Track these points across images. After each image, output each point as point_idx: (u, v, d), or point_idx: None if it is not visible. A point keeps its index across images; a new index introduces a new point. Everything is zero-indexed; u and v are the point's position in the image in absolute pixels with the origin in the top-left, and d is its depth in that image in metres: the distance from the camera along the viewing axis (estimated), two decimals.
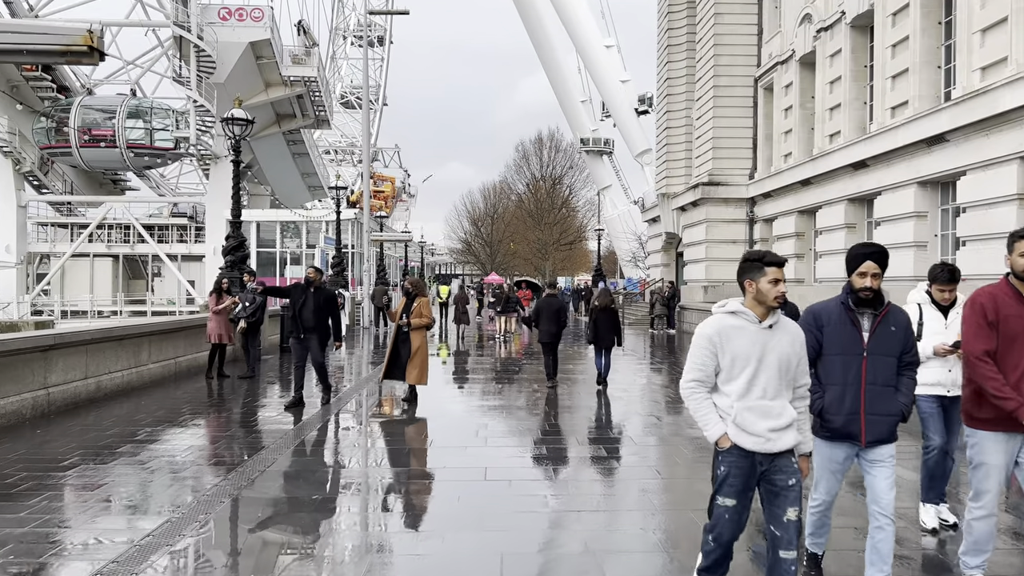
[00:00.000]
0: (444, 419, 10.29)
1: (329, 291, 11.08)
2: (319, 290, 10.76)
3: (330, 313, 10.83)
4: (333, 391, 11.75)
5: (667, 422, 10.05)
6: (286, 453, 8.11)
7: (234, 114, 16.95)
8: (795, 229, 25.27)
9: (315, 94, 43.18)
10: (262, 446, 8.35)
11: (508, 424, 9.91)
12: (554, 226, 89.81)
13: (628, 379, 14.51)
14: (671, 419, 10.23)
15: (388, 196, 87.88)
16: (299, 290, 10.84)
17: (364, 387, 13.30)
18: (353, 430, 9.70)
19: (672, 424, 9.88)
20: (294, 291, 10.90)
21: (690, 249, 31.65)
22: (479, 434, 9.12)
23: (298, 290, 10.86)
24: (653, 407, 11.34)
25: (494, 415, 10.63)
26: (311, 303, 10.63)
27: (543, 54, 69.43)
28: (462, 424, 9.95)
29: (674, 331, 27.43)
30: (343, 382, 13.98)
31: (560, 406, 11.33)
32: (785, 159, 26.45)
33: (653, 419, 10.30)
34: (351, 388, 13.21)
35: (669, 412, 10.78)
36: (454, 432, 9.39)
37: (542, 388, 13.09)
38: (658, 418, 10.38)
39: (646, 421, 10.16)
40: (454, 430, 9.53)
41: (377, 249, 43.87)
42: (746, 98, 29.42)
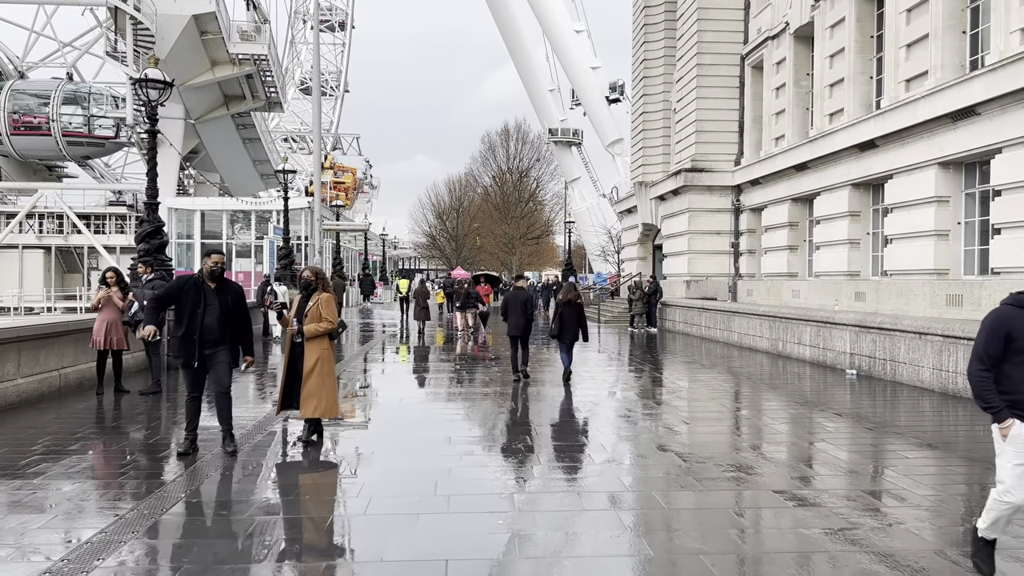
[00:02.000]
0: (390, 460, 7.71)
1: (236, 287, 8.07)
2: (224, 286, 7.70)
3: (240, 319, 7.74)
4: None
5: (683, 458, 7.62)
6: (129, 539, 5.51)
7: (148, 74, 14.15)
8: (788, 218, 23.11)
9: (266, 74, 40.14)
10: (101, 529, 5.69)
11: (480, 468, 7.40)
12: (521, 220, 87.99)
13: (620, 405, 12.09)
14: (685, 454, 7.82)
15: (349, 188, 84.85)
16: (192, 290, 7.53)
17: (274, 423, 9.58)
18: (243, 498, 6.33)
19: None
20: (183, 292, 7.54)
21: (670, 241, 29.40)
22: (438, 489, 6.56)
23: (190, 290, 7.52)
24: (661, 436, 8.92)
25: (461, 450, 8.09)
26: (215, 307, 7.50)
27: (510, 41, 66.91)
28: (415, 469, 7.34)
29: (656, 330, 25.13)
30: (252, 408, 11.34)
31: (541, 426, 8.89)
32: (776, 142, 24.28)
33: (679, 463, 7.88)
34: (261, 421, 9.59)
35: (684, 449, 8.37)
36: (402, 483, 6.83)
37: (514, 398, 10.63)
38: (684, 461, 7.96)
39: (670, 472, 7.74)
40: (403, 480, 6.96)
41: (333, 241, 41.06)
42: (732, 78, 27.20)
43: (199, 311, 7.45)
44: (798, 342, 16.42)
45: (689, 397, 11.89)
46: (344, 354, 18.09)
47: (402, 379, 14.17)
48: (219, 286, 7.66)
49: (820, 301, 20.35)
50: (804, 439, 8.73)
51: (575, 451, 8.02)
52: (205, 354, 7.49)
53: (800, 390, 12.55)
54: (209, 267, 7.71)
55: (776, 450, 8.12)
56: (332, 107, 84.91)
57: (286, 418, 9.32)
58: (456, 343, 21.18)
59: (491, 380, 13.36)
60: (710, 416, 10.18)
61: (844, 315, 14.64)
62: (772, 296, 23.60)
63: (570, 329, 12.80)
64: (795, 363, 15.88)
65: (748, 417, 10.10)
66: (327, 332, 8.04)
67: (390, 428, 9.40)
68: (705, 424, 9.55)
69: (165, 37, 35.37)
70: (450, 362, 16.47)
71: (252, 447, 8.06)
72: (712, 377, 14.17)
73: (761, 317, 18.42)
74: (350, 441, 8.48)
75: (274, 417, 9.42)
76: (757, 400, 11.60)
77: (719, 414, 10.39)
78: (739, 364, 16.08)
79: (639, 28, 35.00)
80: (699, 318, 23.10)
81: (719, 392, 12.38)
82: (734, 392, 12.41)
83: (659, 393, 12.22)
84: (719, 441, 8.64)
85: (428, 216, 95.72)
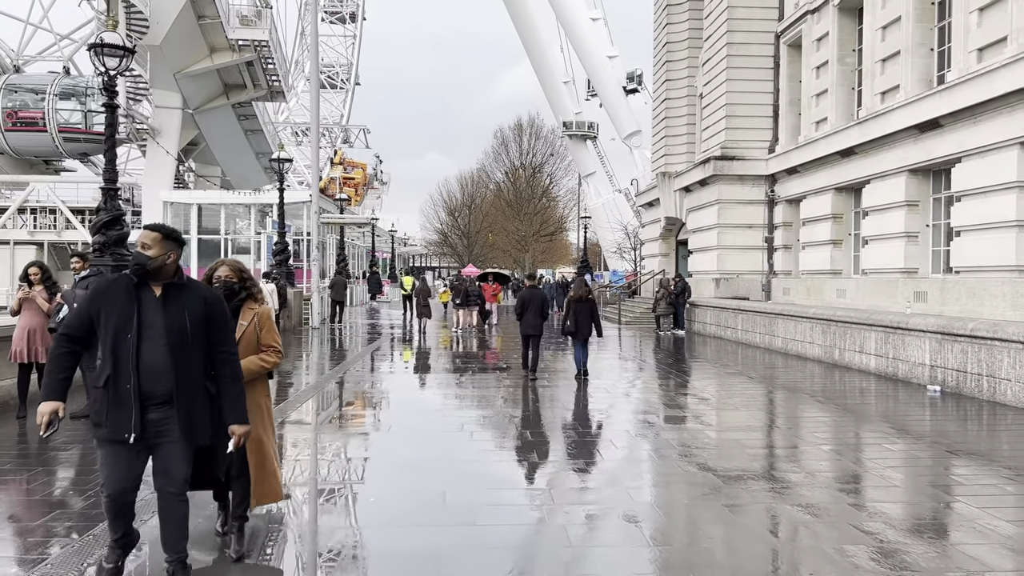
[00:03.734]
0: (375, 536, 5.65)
1: (209, 293, 4.45)
2: (181, 293, 4.22)
3: (221, 353, 4.31)
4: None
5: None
6: None
7: (104, 39, 12.14)
8: (831, 210, 20.90)
9: (267, 61, 38.19)
10: None
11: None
12: (534, 216, 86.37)
13: (654, 436, 9.99)
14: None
15: (359, 183, 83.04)
16: (117, 297, 4.12)
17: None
18: None
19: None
20: (104, 300, 4.12)
21: (697, 236, 27.22)
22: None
23: (115, 298, 4.11)
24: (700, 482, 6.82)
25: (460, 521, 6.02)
26: (159, 329, 4.09)
27: (523, 31, 64.70)
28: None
29: (683, 332, 22.97)
30: None
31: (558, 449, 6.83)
32: (817, 126, 22.06)
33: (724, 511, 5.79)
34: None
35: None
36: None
37: (525, 404, 8.57)
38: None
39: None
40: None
41: (337, 236, 39.10)
42: (765, 58, 25.00)
43: (129, 336, 4.01)
44: (860, 350, 14.20)
45: (745, 426, 9.76)
46: (347, 353, 16.12)
47: (400, 385, 12.17)
48: (171, 292, 4.17)
49: (871, 301, 18.16)
50: (884, 471, 6.62)
51: (613, 518, 5.94)
52: (147, 420, 4.04)
53: (866, 408, 10.46)
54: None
55: (880, 495, 6.01)
56: (343, 100, 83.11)
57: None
58: (457, 343, 20.12)
59: (496, 387, 11.30)
60: (780, 451, 8.08)
61: (921, 320, 12.42)
62: (812, 296, 21.41)
63: (584, 326, 12.66)
64: (856, 375, 13.70)
65: (817, 446, 7.99)
66: (270, 370, 5.06)
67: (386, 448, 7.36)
68: (771, 458, 7.45)
69: (160, 22, 33.47)
70: (453, 371, 14.43)
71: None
72: (762, 392, 12.05)
73: (812, 320, 16.19)
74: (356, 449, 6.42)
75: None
76: (822, 424, 9.48)
77: (789, 448, 8.28)
78: (788, 375, 13.94)
79: (661, 9, 32.83)
80: (734, 320, 20.92)
81: (780, 416, 10.27)
82: (793, 413, 10.29)
83: (702, 414, 10.10)
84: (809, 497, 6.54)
85: (440, 213, 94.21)
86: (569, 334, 12.93)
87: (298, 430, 8.96)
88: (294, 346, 19.19)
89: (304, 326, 24.34)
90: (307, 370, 14.82)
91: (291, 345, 19.20)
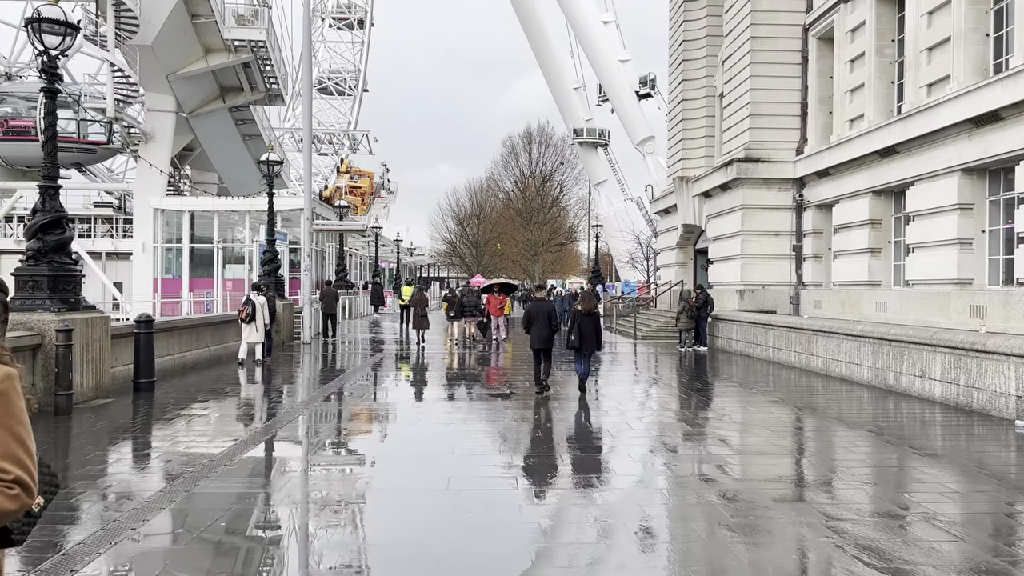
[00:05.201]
0: None
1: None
2: None
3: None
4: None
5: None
6: None
7: (42, 12, 10.42)
8: (869, 215, 19.03)
9: (265, 63, 36.54)
10: None
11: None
12: (544, 226, 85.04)
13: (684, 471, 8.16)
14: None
15: (365, 192, 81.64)
16: None
17: None
18: None
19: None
20: None
21: (718, 244, 25.35)
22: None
23: None
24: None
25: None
26: None
27: (533, 36, 63.13)
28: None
29: (705, 349, 21.07)
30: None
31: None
32: (851, 124, 20.22)
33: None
34: None
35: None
36: None
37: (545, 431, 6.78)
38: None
39: None
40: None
41: (336, 245, 37.40)
42: (792, 52, 23.18)
43: None
44: (921, 375, 12.26)
45: (793, 477, 7.90)
46: (330, 375, 14.37)
47: (380, 424, 10.37)
48: None
49: (917, 316, 16.25)
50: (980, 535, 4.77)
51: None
52: None
53: (931, 442, 8.60)
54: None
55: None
56: (350, 107, 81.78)
57: None
58: (454, 361, 18.83)
59: (494, 420, 9.49)
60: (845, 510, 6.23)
61: (1004, 341, 10.45)
62: (848, 310, 19.49)
63: (589, 340, 12.42)
64: (915, 403, 11.79)
65: (893, 502, 6.13)
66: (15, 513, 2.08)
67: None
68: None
69: (151, 20, 31.87)
70: (446, 398, 12.64)
71: None
72: (811, 427, 10.19)
73: (859, 339, 14.22)
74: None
75: None
76: (887, 467, 7.62)
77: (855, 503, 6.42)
78: (835, 402, 12.06)
79: (677, 6, 31.09)
80: (764, 336, 18.99)
81: (835, 459, 8.40)
82: (853, 456, 8.42)
83: (742, 448, 8.25)
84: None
85: (448, 222, 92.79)
86: (573, 348, 12.62)
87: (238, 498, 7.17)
88: (283, 364, 17.44)
89: (295, 341, 22.59)
90: (264, 407, 13.09)
91: (279, 363, 17.46)
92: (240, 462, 7.66)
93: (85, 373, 10.83)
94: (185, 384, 13.27)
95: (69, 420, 9.66)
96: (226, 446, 8.28)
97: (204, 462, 7.55)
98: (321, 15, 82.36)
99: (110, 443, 8.70)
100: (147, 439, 8.96)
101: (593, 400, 12.03)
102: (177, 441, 8.76)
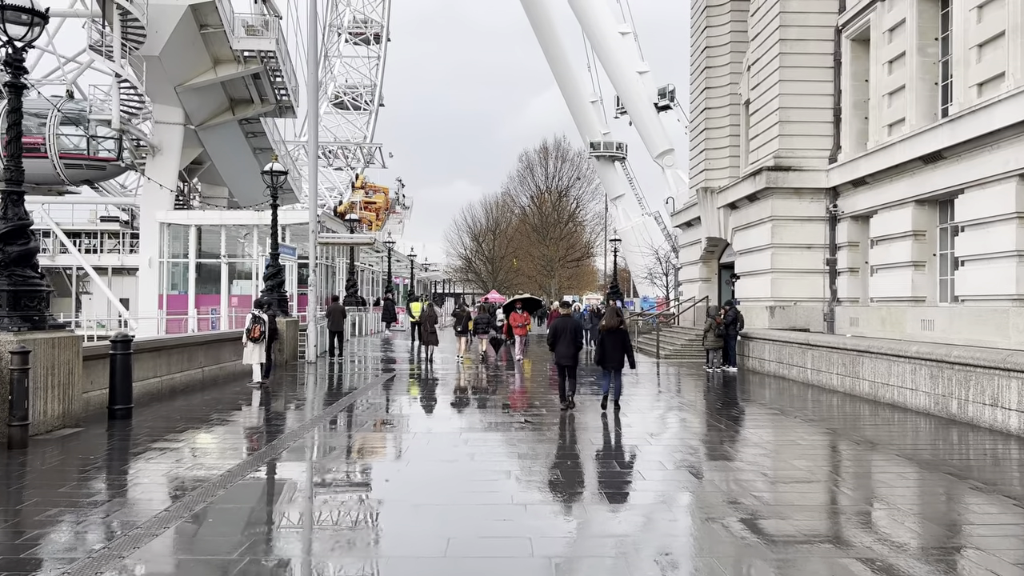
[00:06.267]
0: None
1: None
2: None
3: None
4: None
5: None
6: None
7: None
8: (912, 226, 17.67)
9: (275, 74, 35.67)
10: None
11: None
12: (560, 241, 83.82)
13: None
14: None
15: (380, 208, 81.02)
16: None
17: None
18: None
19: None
20: None
21: (745, 258, 24.03)
22: None
23: None
24: None
25: None
26: None
27: (550, 51, 62.30)
28: None
29: (735, 370, 19.70)
30: None
31: None
32: (890, 130, 18.91)
33: None
34: None
35: None
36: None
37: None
38: None
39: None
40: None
41: (347, 260, 36.33)
42: (824, 55, 21.94)
43: None
44: (993, 403, 10.87)
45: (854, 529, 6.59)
46: (332, 398, 13.20)
47: (379, 459, 9.15)
48: None
49: (970, 335, 14.86)
50: None
51: None
52: None
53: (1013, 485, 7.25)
54: None
55: None
56: (366, 121, 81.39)
57: None
58: (466, 380, 18.00)
59: (510, 456, 8.24)
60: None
61: None
62: (889, 327, 18.10)
63: (613, 357, 12.29)
64: (986, 435, 10.41)
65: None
66: None
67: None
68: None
69: (159, 31, 31.15)
70: (457, 430, 11.41)
71: None
72: (880, 465, 8.86)
73: (915, 361, 12.81)
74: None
75: None
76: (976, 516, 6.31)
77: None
78: (897, 436, 10.70)
79: (699, 11, 29.94)
80: (801, 357, 17.60)
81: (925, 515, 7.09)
82: (943, 509, 7.10)
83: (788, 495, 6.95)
84: None
85: (464, 238, 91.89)
86: (599, 363, 12.47)
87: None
88: (282, 386, 16.26)
89: (299, 360, 21.44)
90: (246, 441, 11.88)
91: (279, 385, 16.28)
92: (197, 515, 6.45)
93: (50, 400, 9.70)
94: (169, 410, 12.12)
95: (23, 455, 8.50)
96: (186, 496, 7.06)
97: (158, 514, 6.36)
98: (338, 30, 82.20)
99: (54, 486, 7.36)
100: (98, 483, 7.68)
101: (622, 430, 10.76)
102: (136, 483, 7.58)
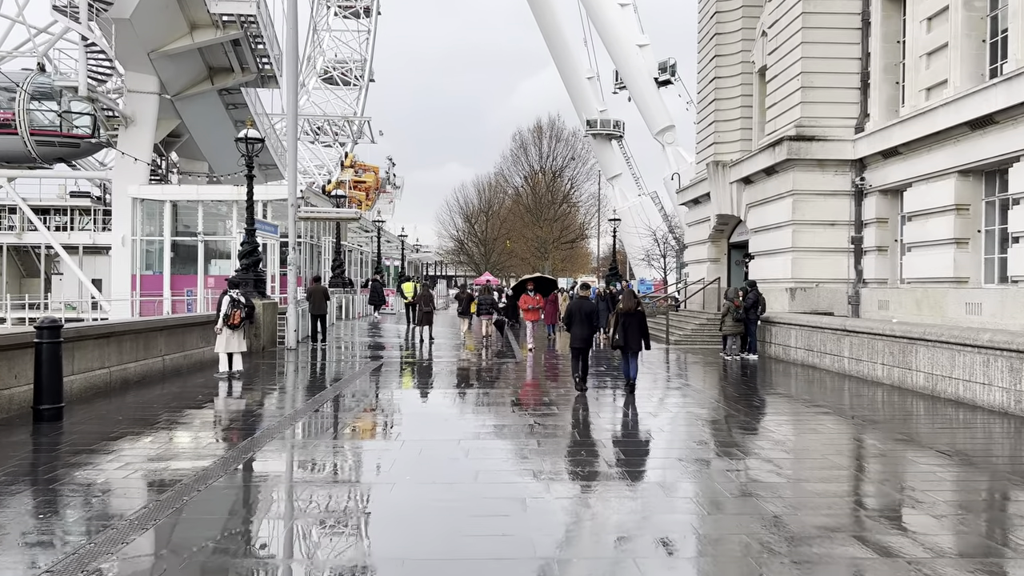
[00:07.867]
0: None
1: None
2: None
3: None
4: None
5: None
6: None
7: None
8: (954, 199, 15.97)
9: (256, 40, 33.56)
10: None
11: None
12: (554, 223, 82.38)
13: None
14: None
15: (370, 187, 78.96)
16: None
17: None
18: None
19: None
20: None
21: (761, 236, 22.32)
22: None
23: None
24: None
25: None
26: None
27: (545, 25, 60.18)
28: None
29: (755, 357, 18.02)
30: None
31: None
32: (929, 93, 17.18)
33: None
34: None
35: None
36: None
37: None
38: None
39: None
40: None
41: (332, 239, 34.42)
42: (850, 16, 20.14)
43: None
44: None
45: None
46: (332, 379, 11.45)
47: (364, 471, 7.42)
48: None
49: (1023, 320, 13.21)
50: None
51: None
52: None
53: None
54: None
55: None
56: (356, 97, 79.09)
57: None
58: (467, 366, 16.65)
59: (520, 475, 6.52)
60: None
61: None
62: (926, 311, 16.42)
63: (634, 339, 12.20)
64: None
65: None
66: None
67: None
68: None
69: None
70: (458, 435, 9.69)
71: None
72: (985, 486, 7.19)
73: (987, 351, 11.00)
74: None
75: None
76: None
77: None
78: (965, 440, 9.01)
79: None
80: (836, 345, 15.87)
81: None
82: None
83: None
84: None
85: (456, 219, 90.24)
86: (618, 347, 12.31)
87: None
88: (257, 376, 14.44)
89: (278, 347, 19.66)
90: (197, 448, 10.12)
91: (253, 375, 14.47)
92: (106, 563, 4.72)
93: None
94: (113, 408, 10.33)
95: None
96: (102, 536, 5.33)
97: (62, 556, 4.63)
98: (326, 3, 79.64)
99: None
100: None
101: (646, 432, 9.06)
102: (14, 524, 5.84)
